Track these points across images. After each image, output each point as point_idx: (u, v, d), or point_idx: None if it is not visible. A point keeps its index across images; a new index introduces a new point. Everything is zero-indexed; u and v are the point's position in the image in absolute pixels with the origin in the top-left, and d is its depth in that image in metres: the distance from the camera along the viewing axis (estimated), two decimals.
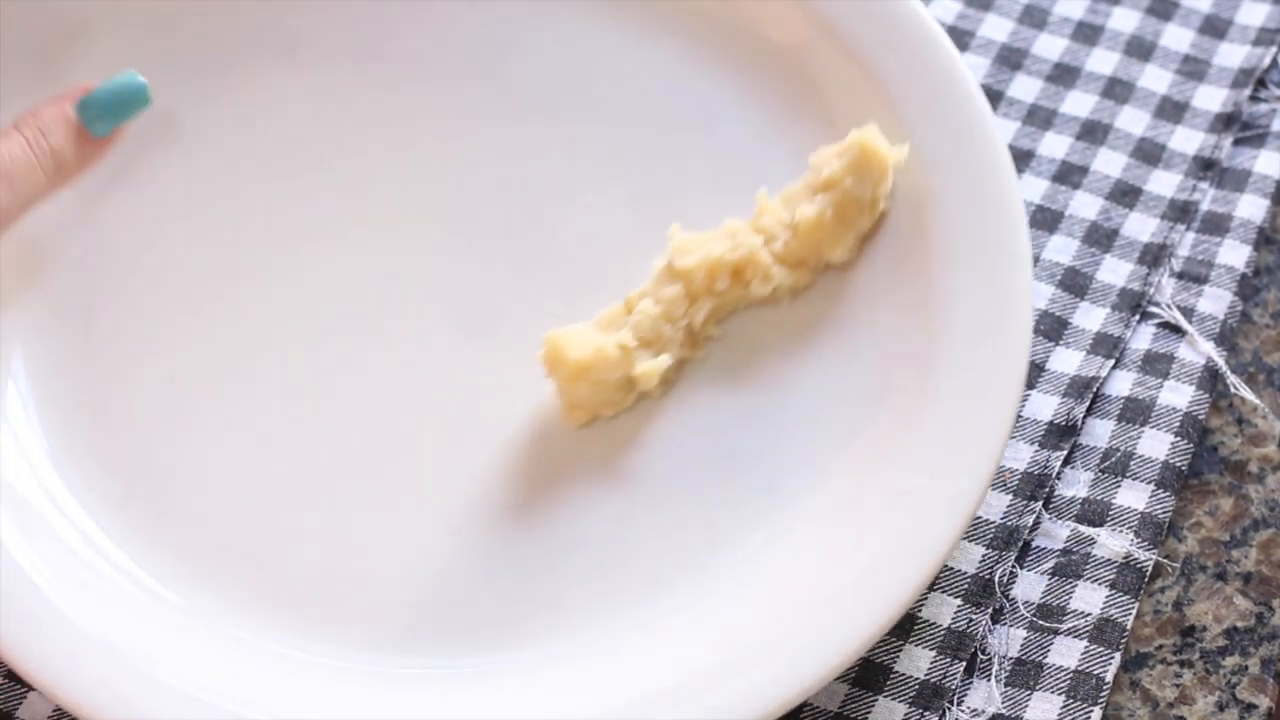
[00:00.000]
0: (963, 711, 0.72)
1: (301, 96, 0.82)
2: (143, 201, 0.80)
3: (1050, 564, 0.75)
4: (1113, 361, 0.79)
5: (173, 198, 0.80)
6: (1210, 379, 0.79)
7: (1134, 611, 0.74)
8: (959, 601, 0.74)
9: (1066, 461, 0.77)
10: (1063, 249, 0.82)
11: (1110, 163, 0.84)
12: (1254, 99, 0.86)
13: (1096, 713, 0.72)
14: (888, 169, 0.77)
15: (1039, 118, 0.85)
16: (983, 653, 0.74)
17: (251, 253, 0.79)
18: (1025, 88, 0.86)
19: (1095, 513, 0.76)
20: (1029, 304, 0.74)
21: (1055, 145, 0.84)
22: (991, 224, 0.76)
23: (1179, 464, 0.77)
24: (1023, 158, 0.84)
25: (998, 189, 0.76)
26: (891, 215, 0.78)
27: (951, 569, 0.75)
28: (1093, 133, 0.84)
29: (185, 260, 0.79)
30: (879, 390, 0.75)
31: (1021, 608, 0.74)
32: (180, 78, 0.81)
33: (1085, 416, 0.78)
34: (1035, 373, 0.79)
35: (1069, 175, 0.83)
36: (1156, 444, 0.77)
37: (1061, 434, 0.78)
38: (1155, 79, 0.86)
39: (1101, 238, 0.82)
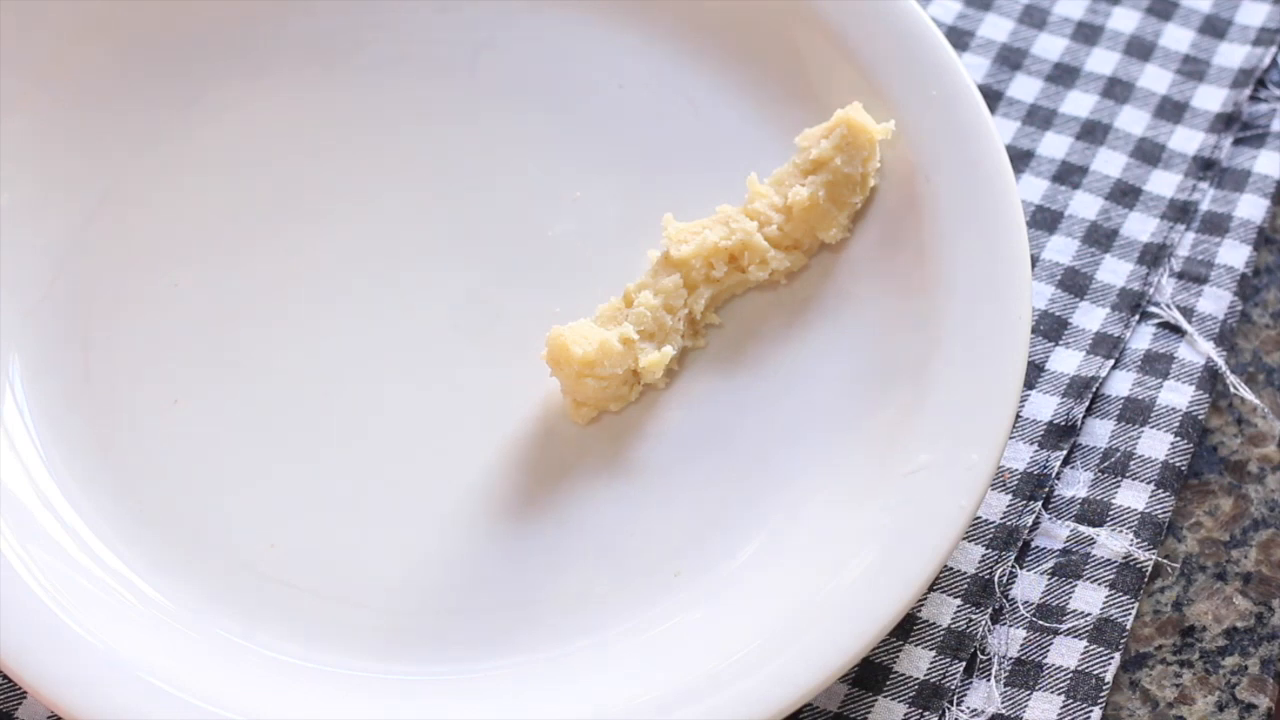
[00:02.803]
0: (962, 711, 0.72)
1: (286, 108, 0.82)
2: (135, 217, 0.79)
3: (1050, 564, 0.75)
4: (1112, 361, 0.79)
5: (165, 211, 0.80)
6: (1210, 379, 0.79)
7: (1134, 611, 0.74)
8: (958, 601, 0.74)
9: (1066, 461, 0.77)
10: (1062, 249, 0.82)
11: (1110, 163, 0.84)
12: (1254, 99, 0.86)
13: (1096, 713, 0.72)
14: (875, 145, 0.77)
15: (1039, 118, 0.85)
16: (982, 653, 0.74)
17: (246, 264, 0.79)
18: (1025, 88, 0.86)
19: (1095, 513, 0.76)
20: (1027, 268, 0.74)
21: (1055, 145, 0.84)
22: (984, 196, 0.76)
23: (1179, 464, 0.77)
24: (1022, 157, 0.84)
25: (985, 155, 0.77)
26: (880, 193, 0.78)
27: (951, 569, 0.75)
28: (1092, 133, 0.84)
29: (181, 267, 0.79)
30: (882, 367, 0.75)
31: (1021, 608, 0.74)
32: (165, 97, 0.81)
33: (1085, 416, 0.78)
34: (1035, 373, 0.79)
35: (1069, 175, 0.83)
36: (1156, 444, 0.77)
37: (1061, 434, 0.78)
38: (1155, 79, 0.86)
39: (1101, 238, 0.82)
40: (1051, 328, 0.80)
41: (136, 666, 0.69)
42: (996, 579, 0.74)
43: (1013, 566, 0.75)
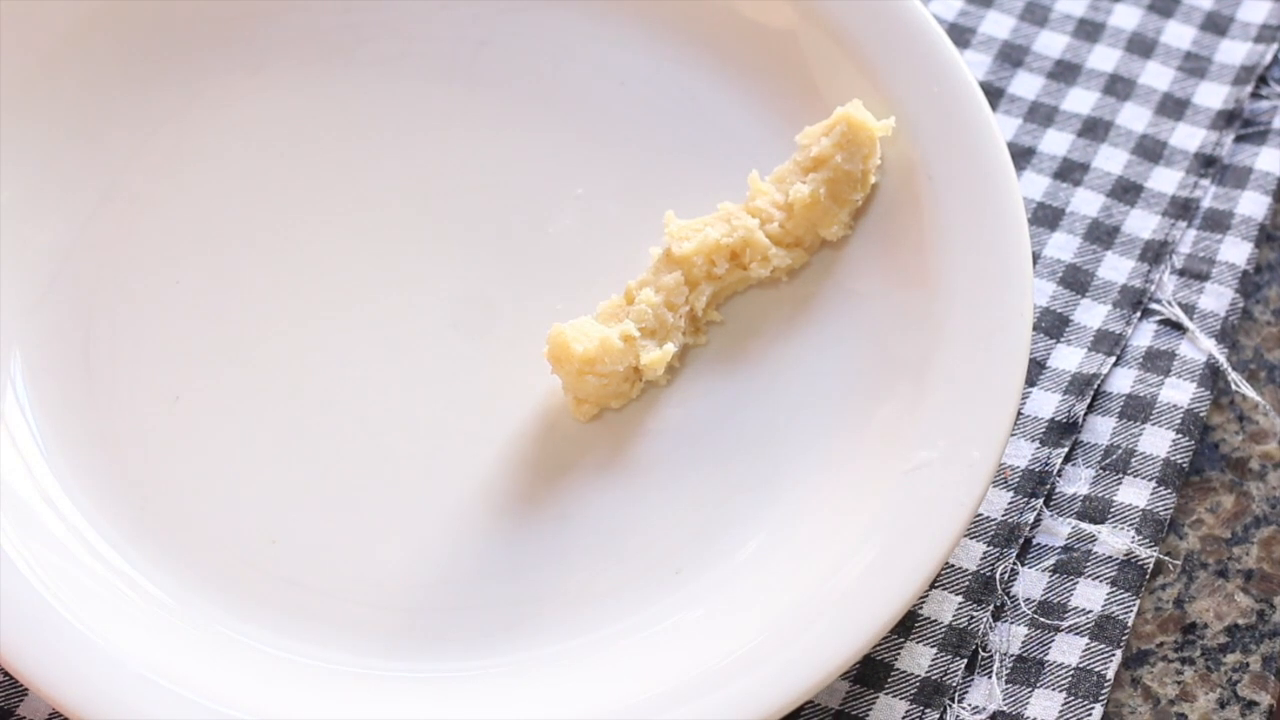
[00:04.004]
0: (964, 709, 0.72)
1: (287, 105, 0.82)
2: (136, 214, 0.79)
3: (1051, 561, 0.75)
4: (1114, 359, 0.79)
5: (166, 208, 0.80)
6: (1211, 376, 0.79)
7: (1135, 609, 0.74)
8: (960, 599, 0.74)
9: (1067, 459, 0.77)
10: (1064, 246, 0.82)
11: (1111, 160, 0.84)
12: (1255, 96, 0.86)
13: (1098, 710, 0.72)
14: (875, 142, 0.77)
15: (1040, 115, 0.85)
16: (984, 650, 0.74)
17: (247, 261, 0.79)
18: (1027, 85, 0.86)
19: (1096, 510, 0.76)
20: (1028, 265, 0.74)
21: (1056, 142, 0.84)
22: (985, 192, 0.76)
23: (1180, 461, 0.77)
24: (1024, 154, 0.84)
25: (986, 152, 0.77)
26: (881, 190, 0.78)
27: (953, 566, 0.75)
28: (1094, 130, 0.84)
29: (182, 264, 0.79)
30: (883, 364, 0.75)
31: (1023, 605, 0.74)
32: (165, 93, 0.81)
33: (1086, 414, 0.78)
34: (1036, 370, 0.79)
35: (1070, 172, 0.83)
36: (1158, 441, 0.77)
37: (1062, 431, 0.77)
38: (1157, 76, 0.86)
39: (1103, 235, 0.82)
40: (1053, 325, 0.80)
41: (137, 663, 0.69)
42: (998, 576, 0.74)
43: (1014, 564, 0.75)
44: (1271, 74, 0.86)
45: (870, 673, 0.73)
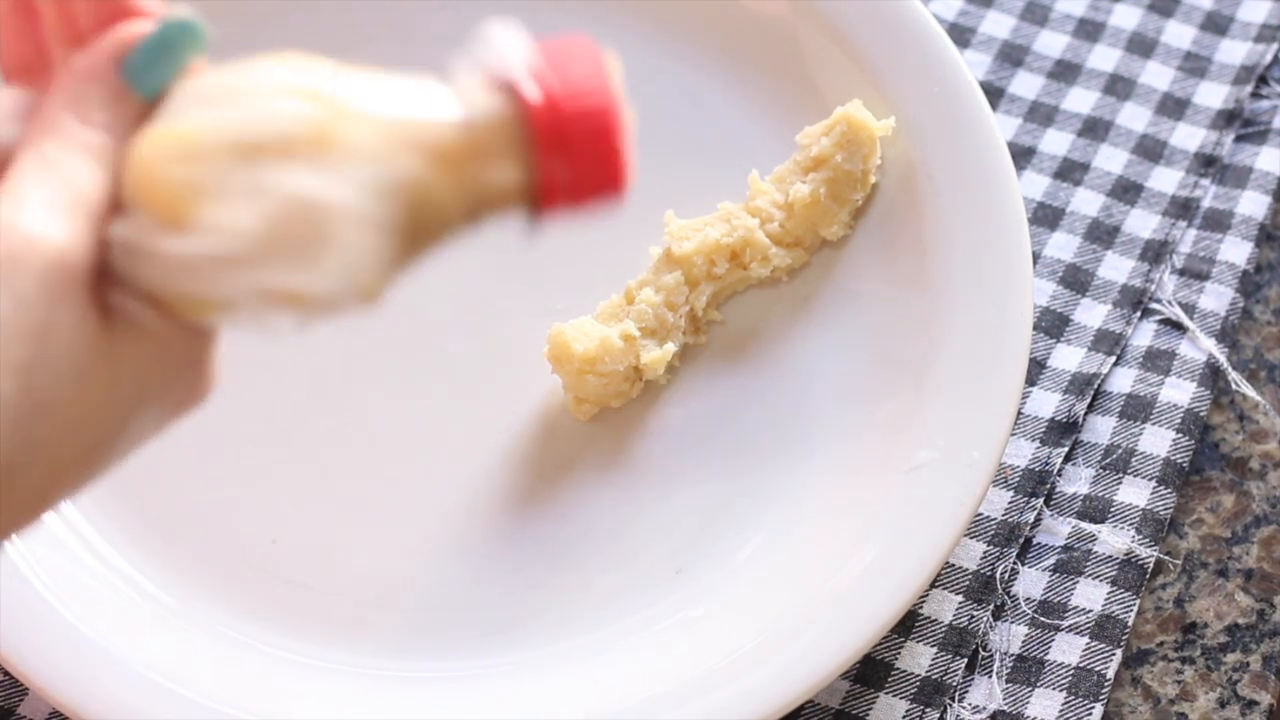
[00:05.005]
0: (964, 708, 0.72)
1: None
2: None
3: (1052, 561, 0.75)
4: (1114, 358, 0.79)
5: None
6: (1211, 376, 0.79)
7: (1135, 608, 0.74)
8: (960, 598, 0.74)
9: (1068, 458, 0.77)
10: (1064, 246, 0.82)
11: (1111, 159, 0.84)
12: (1255, 95, 0.86)
13: (1098, 709, 0.72)
14: (875, 142, 0.77)
15: (1040, 114, 0.85)
16: (984, 649, 0.74)
17: None
18: (1027, 84, 0.86)
19: (1097, 509, 0.76)
20: (1028, 265, 0.74)
21: (1057, 142, 0.84)
22: (986, 192, 0.76)
23: (1180, 461, 0.77)
24: (1024, 154, 0.84)
25: (986, 152, 0.77)
26: (881, 190, 0.78)
27: (953, 565, 0.75)
28: (1094, 129, 0.84)
29: None
30: (883, 364, 0.75)
31: (1023, 604, 0.74)
32: None
33: (1086, 413, 0.78)
34: (1036, 369, 0.79)
35: (1070, 172, 0.83)
36: (1158, 441, 0.77)
37: (1063, 431, 0.77)
38: (1157, 76, 0.86)
39: (1103, 234, 0.82)
40: (1053, 324, 0.80)
41: (138, 663, 0.69)
42: (998, 576, 0.74)
43: (1014, 563, 0.75)
44: (1271, 74, 0.86)
45: (870, 672, 0.73)
